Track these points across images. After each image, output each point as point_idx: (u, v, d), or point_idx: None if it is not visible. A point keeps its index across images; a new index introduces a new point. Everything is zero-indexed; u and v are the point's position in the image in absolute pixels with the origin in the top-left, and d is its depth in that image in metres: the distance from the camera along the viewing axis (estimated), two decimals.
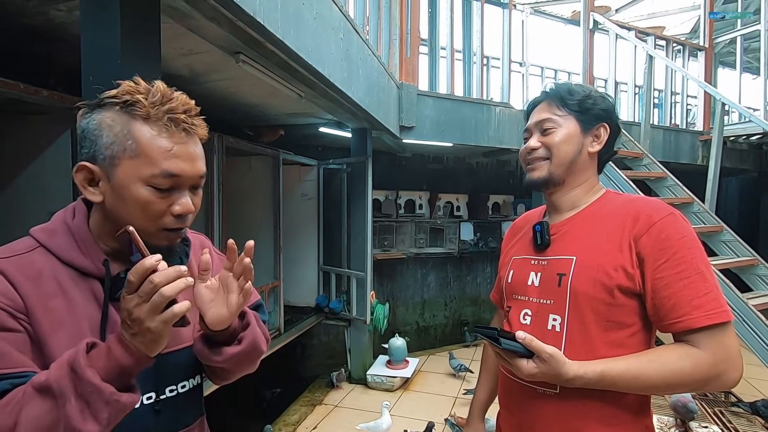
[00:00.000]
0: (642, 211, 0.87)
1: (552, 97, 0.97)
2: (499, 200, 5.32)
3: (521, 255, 1.02)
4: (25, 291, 0.62)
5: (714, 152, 3.28)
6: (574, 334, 0.87)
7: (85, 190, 0.66)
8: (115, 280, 0.68)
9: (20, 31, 1.82)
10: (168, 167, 0.65)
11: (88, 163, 0.65)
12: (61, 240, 0.67)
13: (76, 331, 0.64)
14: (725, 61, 7.04)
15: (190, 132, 0.67)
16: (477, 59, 4.00)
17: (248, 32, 1.69)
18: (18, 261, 0.64)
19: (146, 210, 0.65)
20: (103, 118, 0.65)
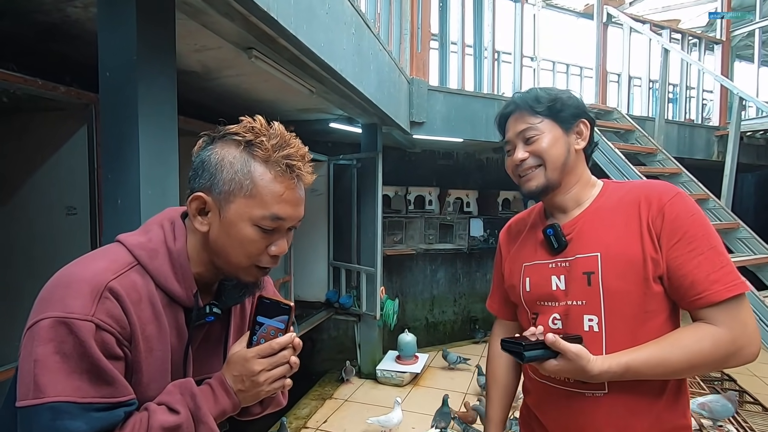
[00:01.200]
0: (652, 195, 0.87)
1: (522, 108, 0.95)
2: (510, 196, 5.28)
3: (534, 260, 0.99)
4: (131, 317, 0.62)
5: (731, 148, 3.22)
6: (614, 331, 0.86)
7: (195, 219, 0.68)
8: (198, 311, 0.70)
9: (37, 28, 1.84)
10: (277, 211, 0.67)
11: (203, 194, 0.67)
12: (161, 264, 0.67)
13: (162, 356, 0.66)
14: (742, 54, 6.88)
15: (300, 178, 0.70)
16: (488, 54, 3.96)
17: (261, 28, 1.70)
18: (125, 282, 0.63)
19: (247, 248, 0.68)
20: (225, 154, 0.67)
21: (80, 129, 1.73)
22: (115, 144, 1.31)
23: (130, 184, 1.30)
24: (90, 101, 1.68)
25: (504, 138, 1.01)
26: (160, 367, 0.65)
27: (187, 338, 0.69)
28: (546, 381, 0.94)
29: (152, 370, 0.64)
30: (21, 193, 1.78)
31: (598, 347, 0.86)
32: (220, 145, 0.68)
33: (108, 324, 0.59)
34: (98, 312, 0.59)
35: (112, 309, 0.60)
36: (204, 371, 0.74)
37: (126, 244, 0.68)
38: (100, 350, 0.58)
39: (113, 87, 1.30)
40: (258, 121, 0.68)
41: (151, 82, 1.32)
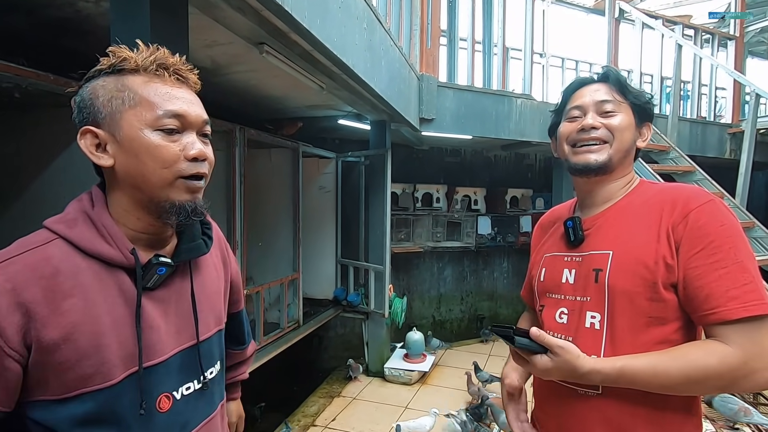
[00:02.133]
0: (679, 198, 0.82)
1: (612, 81, 0.92)
2: (518, 194, 5.25)
3: (553, 252, 0.99)
4: (31, 296, 0.57)
5: (746, 145, 3.17)
6: (614, 331, 0.84)
7: (94, 156, 0.64)
8: (145, 267, 0.65)
9: (48, 23, 1.83)
10: (170, 107, 0.64)
11: (91, 126, 0.63)
12: (82, 230, 0.62)
13: (93, 331, 0.60)
14: (754, 51, 6.79)
15: (182, 79, 0.67)
16: (498, 50, 3.91)
17: (273, 23, 1.68)
18: (30, 258, 0.59)
19: (159, 155, 0.63)
20: (94, 84, 0.65)
21: None
22: None
23: None
24: None
25: (563, 106, 0.98)
26: (90, 342, 0.59)
27: (137, 299, 0.64)
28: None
29: (79, 346, 0.59)
30: (33, 190, 1.77)
31: (597, 345, 0.85)
32: (90, 85, 0.65)
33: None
34: None
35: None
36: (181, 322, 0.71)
37: (46, 222, 0.64)
38: None
39: None
40: (112, 49, 0.65)
41: None
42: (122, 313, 0.63)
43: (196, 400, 0.72)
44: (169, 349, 0.68)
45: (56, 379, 0.58)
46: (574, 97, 0.95)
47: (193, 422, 0.71)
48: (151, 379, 0.65)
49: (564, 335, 0.90)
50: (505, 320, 5.46)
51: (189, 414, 0.71)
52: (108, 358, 0.61)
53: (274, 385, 3.74)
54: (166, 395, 0.67)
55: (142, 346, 0.63)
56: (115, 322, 0.62)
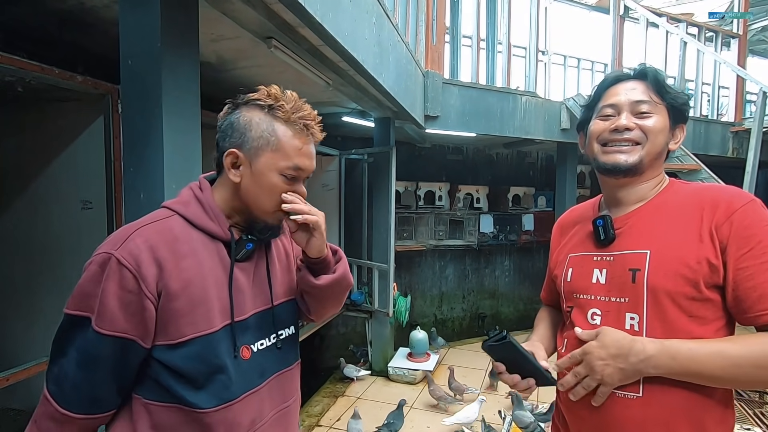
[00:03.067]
0: (721, 198, 0.81)
1: (650, 80, 0.89)
2: (520, 192, 5.23)
3: (579, 252, 0.96)
4: (162, 254, 0.74)
5: (753, 143, 3.15)
6: (655, 333, 0.81)
7: (229, 172, 0.81)
8: (237, 243, 0.83)
9: (51, 16, 1.79)
10: (298, 162, 0.81)
11: (236, 150, 0.80)
12: (194, 208, 0.81)
13: (202, 286, 0.77)
14: (755, 49, 6.80)
15: (314, 137, 0.84)
16: (503, 48, 3.88)
17: (281, 16, 1.64)
18: (158, 226, 0.77)
19: (274, 193, 0.81)
20: (251, 116, 0.80)
21: (96, 120, 1.67)
22: (138, 136, 1.26)
23: (154, 177, 1.25)
24: (107, 91, 1.62)
25: (595, 102, 0.95)
26: (200, 295, 0.76)
27: (230, 266, 0.81)
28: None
29: (192, 296, 0.75)
30: (35, 186, 1.73)
31: None
32: (245, 110, 0.81)
33: (127, 260, 0.71)
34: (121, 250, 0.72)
35: (133, 249, 0.72)
36: (283, 296, 0.92)
37: (165, 204, 0.83)
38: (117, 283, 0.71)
39: (136, 76, 1.25)
40: (273, 89, 0.81)
41: (175, 71, 1.26)
42: (221, 276, 0.80)
43: (270, 354, 0.87)
44: (249, 309, 0.84)
45: (174, 325, 0.74)
46: (608, 94, 0.93)
47: (268, 372, 0.87)
48: (238, 331, 0.81)
49: None
50: (506, 318, 5.45)
51: (265, 365, 0.86)
52: (211, 310, 0.77)
53: None
54: (246, 346, 0.83)
55: (233, 303, 0.81)
56: (217, 282, 0.79)
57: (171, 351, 0.75)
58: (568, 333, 0.95)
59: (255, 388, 0.83)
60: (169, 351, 0.75)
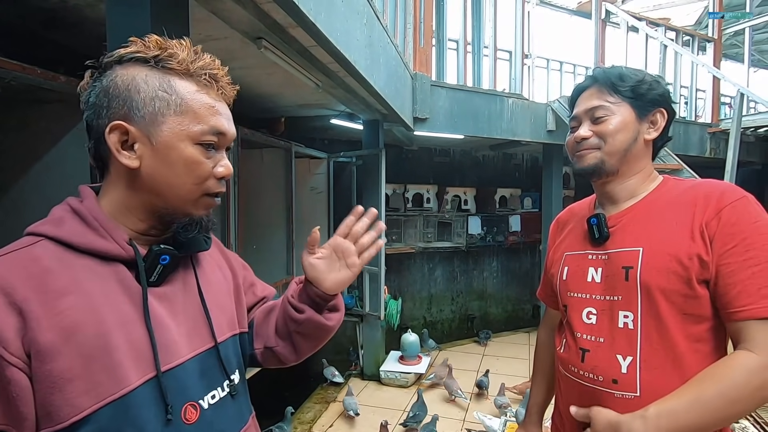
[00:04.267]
0: (712, 195, 0.81)
1: (602, 82, 0.91)
2: (506, 194, 5.28)
3: (575, 250, 0.97)
4: (23, 294, 0.51)
5: (732, 143, 3.25)
6: (649, 330, 0.82)
7: (120, 155, 0.58)
8: (146, 258, 0.60)
9: (34, 15, 1.72)
10: (215, 124, 0.61)
11: (122, 121, 0.57)
12: (71, 226, 0.57)
13: (97, 330, 0.53)
14: (728, 53, 7.04)
15: (224, 93, 0.64)
16: (489, 51, 3.92)
17: (272, 16, 1.62)
18: (15, 259, 0.53)
19: (194, 171, 0.60)
20: (132, 74, 0.58)
21: (80, 122, 1.61)
22: None
23: None
24: None
25: (571, 113, 0.96)
26: (96, 343, 0.52)
27: (141, 293, 0.58)
28: (574, 377, 0.91)
29: (84, 348, 0.52)
30: (17, 191, 1.66)
31: (633, 346, 0.83)
32: (121, 69, 0.59)
33: None
34: None
35: None
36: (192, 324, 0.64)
37: (27, 230, 0.58)
38: None
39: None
40: (152, 37, 0.60)
41: None
42: (127, 310, 0.57)
43: (225, 410, 0.65)
44: (184, 352, 0.61)
45: (60, 397, 0.50)
46: (575, 106, 0.96)
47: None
48: (171, 385, 0.58)
49: (594, 336, 0.88)
50: (494, 319, 5.48)
51: (221, 424, 0.64)
52: (119, 361, 0.54)
53: (263, 391, 3.64)
54: (191, 404, 0.60)
55: (155, 342, 0.57)
56: (121, 320, 0.55)
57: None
58: (566, 332, 0.95)
59: None
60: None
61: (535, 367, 1.19)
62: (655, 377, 0.81)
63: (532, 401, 1.17)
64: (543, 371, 1.16)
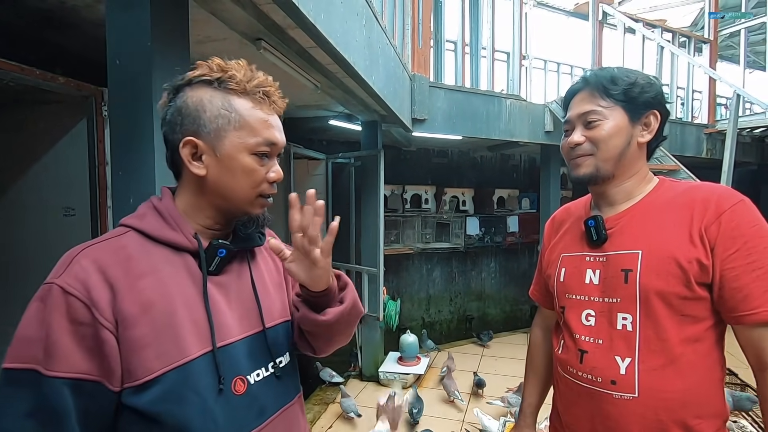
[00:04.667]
0: (710, 199, 0.82)
1: (593, 86, 0.90)
2: (504, 194, 5.29)
3: (572, 252, 0.97)
4: (114, 274, 0.62)
5: (729, 144, 3.27)
6: (648, 332, 0.83)
7: (191, 165, 0.69)
8: (207, 250, 0.70)
9: (31, 15, 1.72)
10: (268, 136, 0.71)
11: (193, 137, 0.68)
12: (150, 220, 0.69)
13: (168, 307, 0.64)
14: (723, 54, 7.08)
15: (276, 107, 0.74)
16: (487, 52, 3.93)
17: (271, 17, 1.62)
18: (109, 245, 0.65)
19: (251, 177, 0.70)
20: (200, 95, 0.69)
21: (79, 123, 1.61)
22: (127, 138, 1.21)
23: (145, 180, 1.20)
24: (90, 93, 1.57)
25: (565, 114, 0.96)
26: (165, 318, 0.63)
27: (203, 280, 0.69)
28: (572, 378, 0.91)
29: (156, 321, 0.63)
30: (14, 192, 1.65)
31: (631, 347, 0.84)
32: (190, 91, 0.69)
33: (72, 287, 0.60)
34: (64, 276, 0.60)
35: (79, 273, 0.61)
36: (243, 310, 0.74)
37: (122, 221, 0.71)
38: (65, 315, 0.59)
39: (125, 76, 1.20)
40: (216, 59, 0.70)
41: (166, 71, 1.22)
42: (191, 293, 0.67)
43: (269, 387, 0.74)
44: (236, 333, 0.71)
45: (138, 359, 0.61)
46: (568, 109, 0.95)
47: (270, 409, 0.73)
48: (224, 360, 0.67)
49: (593, 338, 0.89)
50: (492, 320, 5.49)
51: (265, 400, 0.72)
52: (183, 335, 0.64)
53: None
54: (240, 378, 0.69)
55: (213, 322, 0.67)
56: (186, 301, 0.66)
57: (140, 394, 0.61)
58: (564, 333, 0.96)
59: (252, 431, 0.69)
60: (138, 394, 0.61)
61: (529, 367, 1.18)
62: (653, 378, 0.82)
63: (526, 402, 1.15)
64: (537, 371, 1.16)
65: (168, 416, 0.61)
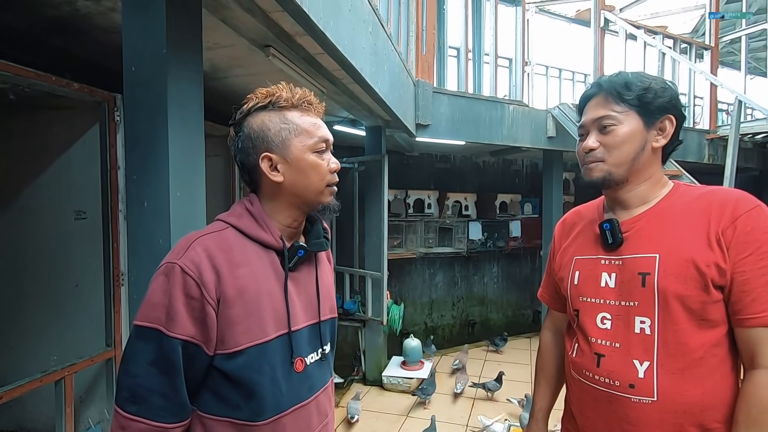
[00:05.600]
0: (727, 203, 0.83)
1: (607, 91, 0.90)
2: (507, 199, 5.30)
3: (586, 255, 0.97)
4: (219, 261, 0.76)
5: (731, 150, 3.29)
6: (667, 335, 0.83)
7: (271, 175, 0.82)
8: (290, 251, 0.84)
9: (44, 23, 1.75)
10: (321, 134, 0.84)
11: (267, 153, 0.82)
12: (246, 220, 0.83)
13: (256, 294, 0.78)
14: (724, 61, 7.11)
15: (319, 112, 0.88)
16: (490, 58, 3.97)
17: (280, 24, 1.65)
18: (215, 237, 0.79)
19: (319, 171, 0.84)
20: (261, 119, 0.83)
21: (91, 128, 1.63)
22: (142, 143, 1.24)
23: (159, 185, 1.22)
24: (103, 99, 1.59)
25: (579, 120, 0.97)
26: (254, 303, 0.77)
27: (284, 275, 0.82)
28: (588, 382, 0.91)
29: (248, 304, 0.76)
30: (28, 196, 1.67)
31: (650, 351, 0.84)
32: (251, 119, 0.83)
33: (189, 268, 0.73)
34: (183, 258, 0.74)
35: (194, 257, 0.74)
36: (307, 303, 0.88)
37: (219, 217, 0.85)
38: (182, 290, 0.72)
39: (139, 82, 1.23)
40: (261, 89, 0.83)
41: (180, 78, 1.25)
42: (274, 285, 0.81)
43: (318, 368, 0.88)
44: (301, 321, 0.85)
45: (230, 333, 0.75)
46: (583, 113, 0.96)
47: (316, 386, 0.87)
48: (294, 341, 0.82)
49: (609, 341, 0.89)
50: (495, 324, 5.48)
51: (314, 378, 0.86)
52: (265, 318, 0.78)
53: None
54: (301, 359, 0.83)
55: (290, 311, 0.82)
56: (270, 291, 0.80)
57: (228, 360, 0.76)
58: (578, 336, 0.96)
59: (304, 402, 0.84)
60: (227, 360, 0.76)
61: (539, 370, 1.17)
62: (673, 382, 0.82)
63: (538, 406, 1.15)
64: (547, 375, 1.15)
65: (247, 380, 0.76)
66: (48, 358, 1.63)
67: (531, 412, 1.17)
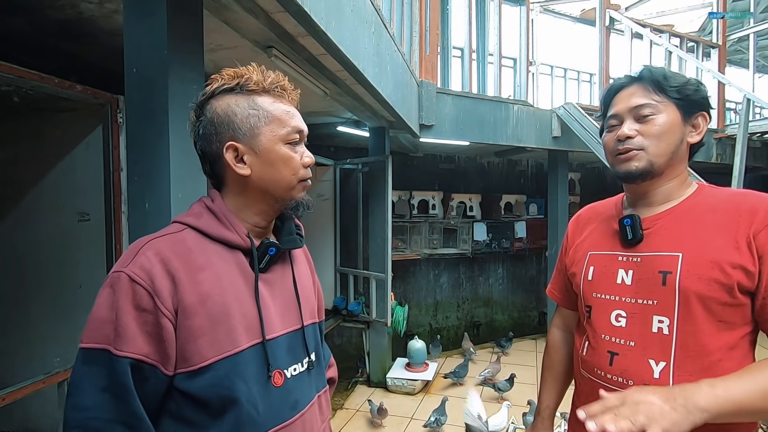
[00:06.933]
0: (760, 206, 0.80)
1: (647, 81, 0.88)
2: (512, 200, 5.28)
3: (601, 250, 0.95)
4: (175, 266, 0.66)
5: (739, 149, 3.24)
6: (685, 336, 0.81)
7: (236, 167, 0.73)
8: (258, 249, 0.75)
9: (48, 26, 1.76)
10: (295, 124, 0.75)
11: (232, 142, 0.72)
12: (207, 219, 0.74)
13: (222, 300, 0.69)
14: (732, 59, 7.04)
15: (293, 99, 0.79)
16: (494, 58, 3.95)
17: (282, 25, 1.65)
18: (170, 239, 0.70)
19: (290, 164, 0.75)
20: (226, 103, 0.73)
21: (94, 130, 1.64)
22: (143, 144, 1.24)
23: (160, 186, 1.22)
24: (106, 101, 1.60)
25: (606, 112, 0.94)
26: (220, 309, 0.68)
27: (254, 277, 0.73)
28: (600, 381, 0.89)
29: (212, 312, 0.67)
30: (31, 197, 1.68)
31: (667, 351, 0.82)
32: (215, 101, 0.74)
33: (138, 276, 0.64)
34: (131, 266, 0.65)
35: (144, 263, 0.65)
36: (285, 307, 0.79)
37: (175, 219, 0.76)
38: (131, 302, 0.63)
39: (141, 83, 1.23)
40: (229, 69, 0.75)
41: (181, 79, 1.25)
42: (242, 288, 0.72)
43: (302, 383, 0.78)
44: (278, 328, 0.75)
45: (193, 347, 0.65)
46: (612, 104, 0.93)
47: (302, 403, 0.77)
48: (269, 351, 0.72)
49: (624, 339, 0.87)
50: (500, 326, 5.46)
51: (299, 394, 0.76)
52: (234, 327, 0.69)
53: None
54: (278, 371, 0.74)
55: (263, 316, 0.72)
56: (238, 296, 0.71)
57: (193, 379, 0.66)
58: (589, 334, 0.94)
59: (286, 423, 0.73)
60: (191, 379, 0.66)
61: (546, 368, 1.16)
62: None
63: (544, 404, 1.13)
64: (554, 373, 1.14)
65: (216, 400, 0.66)
66: (51, 359, 1.64)
67: (537, 409, 1.15)
